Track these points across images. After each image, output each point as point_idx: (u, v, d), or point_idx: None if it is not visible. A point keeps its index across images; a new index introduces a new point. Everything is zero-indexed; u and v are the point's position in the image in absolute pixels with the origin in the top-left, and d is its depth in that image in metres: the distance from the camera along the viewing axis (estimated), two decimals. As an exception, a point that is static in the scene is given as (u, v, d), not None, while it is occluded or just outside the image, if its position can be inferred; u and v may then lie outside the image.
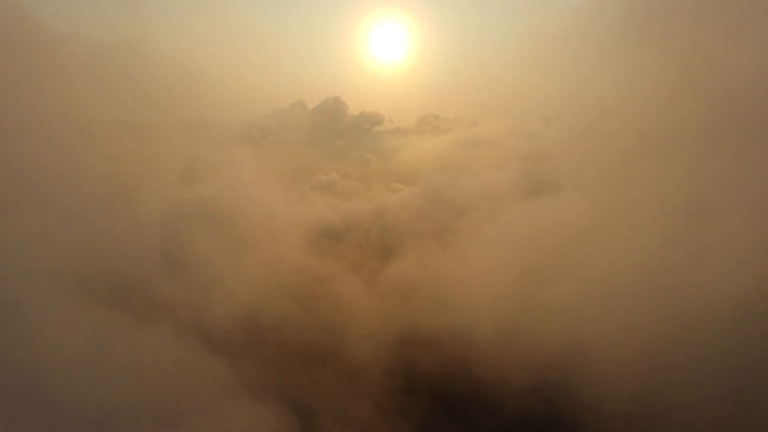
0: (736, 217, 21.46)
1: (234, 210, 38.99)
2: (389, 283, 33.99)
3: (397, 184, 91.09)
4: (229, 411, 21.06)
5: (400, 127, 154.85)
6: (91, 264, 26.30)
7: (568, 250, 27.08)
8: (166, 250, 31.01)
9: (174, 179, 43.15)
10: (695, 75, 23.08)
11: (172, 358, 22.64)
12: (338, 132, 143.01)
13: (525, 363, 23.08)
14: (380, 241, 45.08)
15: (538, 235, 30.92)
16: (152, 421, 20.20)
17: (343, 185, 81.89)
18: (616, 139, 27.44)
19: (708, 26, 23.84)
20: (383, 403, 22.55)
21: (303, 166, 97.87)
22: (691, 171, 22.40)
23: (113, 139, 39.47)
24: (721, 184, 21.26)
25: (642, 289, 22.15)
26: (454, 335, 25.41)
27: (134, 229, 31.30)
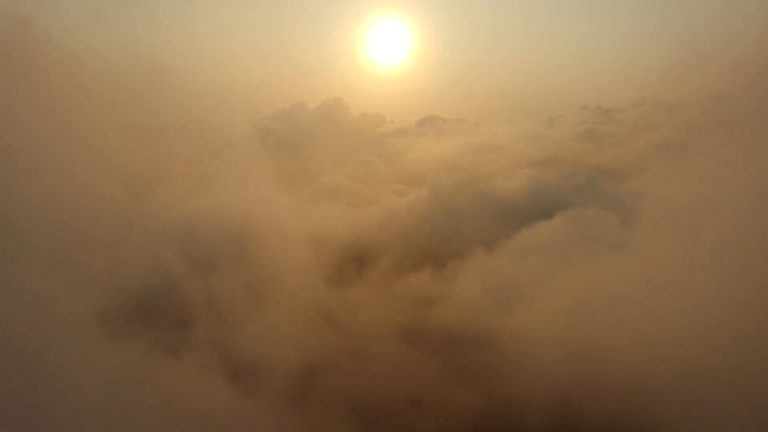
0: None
1: (249, 224, 37.32)
2: (425, 313, 32.46)
3: (398, 185, 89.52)
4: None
5: (402, 128, 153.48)
6: (108, 293, 24.61)
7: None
8: (183, 276, 29.37)
9: (184, 189, 41.30)
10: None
11: (202, 397, 21.11)
12: (340, 133, 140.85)
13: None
14: (399, 256, 43.63)
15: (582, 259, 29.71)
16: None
17: (349, 189, 79.97)
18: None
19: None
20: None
21: (305, 168, 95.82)
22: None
23: (120, 150, 37.61)
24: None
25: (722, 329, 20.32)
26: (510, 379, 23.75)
27: (149, 252, 29.61)
